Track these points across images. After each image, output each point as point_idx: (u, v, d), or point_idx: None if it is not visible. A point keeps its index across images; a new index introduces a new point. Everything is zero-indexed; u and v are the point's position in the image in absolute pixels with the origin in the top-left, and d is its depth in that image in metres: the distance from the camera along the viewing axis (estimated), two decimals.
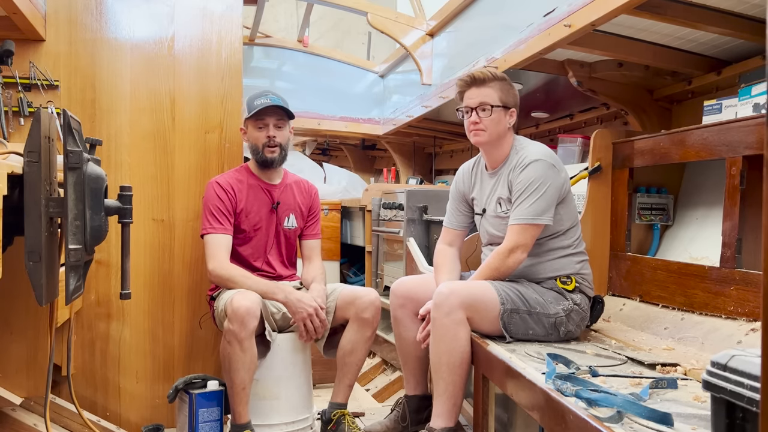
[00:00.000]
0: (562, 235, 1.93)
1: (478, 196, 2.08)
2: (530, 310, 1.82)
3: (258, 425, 2.09)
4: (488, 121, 1.91)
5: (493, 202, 1.99)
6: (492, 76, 1.93)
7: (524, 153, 1.92)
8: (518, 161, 1.91)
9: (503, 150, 1.98)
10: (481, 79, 1.92)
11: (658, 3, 1.83)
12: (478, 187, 2.08)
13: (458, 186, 2.15)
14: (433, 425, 1.81)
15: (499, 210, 1.97)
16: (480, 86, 1.93)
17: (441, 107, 3.58)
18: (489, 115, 1.91)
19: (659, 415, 1.14)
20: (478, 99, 1.92)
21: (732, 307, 1.70)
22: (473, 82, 1.94)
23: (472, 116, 1.94)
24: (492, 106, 1.90)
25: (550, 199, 1.84)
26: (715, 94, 2.22)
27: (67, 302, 1.42)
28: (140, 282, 2.37)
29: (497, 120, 1.92)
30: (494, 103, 1.91)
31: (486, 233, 2.05)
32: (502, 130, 1.94)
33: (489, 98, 1.91)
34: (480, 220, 2.07)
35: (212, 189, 2.22)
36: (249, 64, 4.52)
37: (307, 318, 2.06)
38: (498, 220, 1.97)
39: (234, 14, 2.51)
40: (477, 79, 1.93)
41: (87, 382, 2.33)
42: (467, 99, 1.96)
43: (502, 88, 1.93)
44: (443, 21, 3.44)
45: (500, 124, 1.93)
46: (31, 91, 2.23)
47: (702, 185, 2.24)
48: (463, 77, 1.97)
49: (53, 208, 1.32)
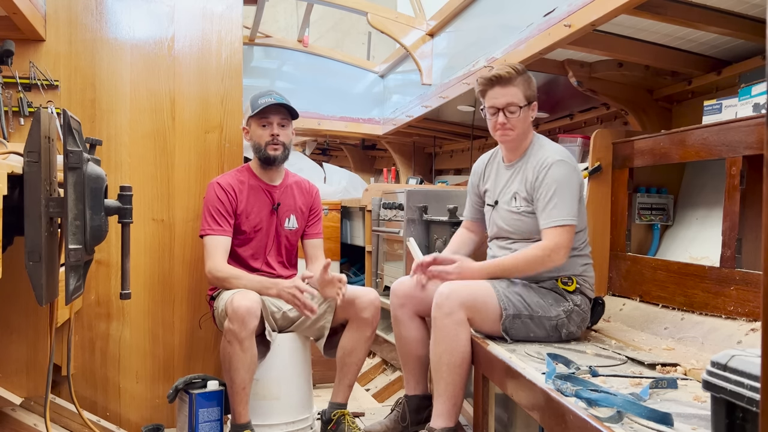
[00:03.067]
0: None
1: (491, 188, 2.07)
2: (532, 315, 1.82)
3: (258, 425, 2.09)
4: (516, 121, 1.89)
5: (507, 195, 1.98)
6: (516, 73, 1.88)
7: (545, 152, 1.91)
8: (540, 160, 1.90)
9: (524, 144, 1.98)
10: (506, 78, 1.87)
11: (658, 3, 1.83)
12: (492, 179, 2.07)
13: (473, 179, 2.17)
14: (433, 425, 1.81)
15: (513, 205, 1.96)
16: (505, 85, 1.87)
17: (441, 107, 3.58)
18: (517, 116, 1.89)
19: (659, 415, 1.14)
20: (505, 99, 1.88)
21: (732, 307, 1.70)
22: (498, 81, 1.88)
23: (499, 117, 1.90)
24: (520, 107, 1.88)
25: (577, 197, 1.87)
26: (715, 94, 2.22)
27: (67, 302, 1.42)
28: (140, 282, 2.36)
29: (524, 118, 1.91)
30: (521, 103, 1.88)
31: (495, 226, 2.04)
32: (528, 126, 1.95)
33: (516, 98, 1.88)
34: (490, 212, 2.06)
35: (213, 190, 2.22)
36: (249, 64, 4.52)
37: (294, 298, 2.04)
38: (510, 214, 1.96)
39: (234, 14, 2.51)
40: (502, 78, 1.87)
41: (87, 382, 2.33)
42: (491, 98, 1.90)
43: (525, 83, 1.90)
44: (443, 21, 3.44)
45: (526, 121, 1.94)
46: (31, 91, 2.23)
47: (702, 185, 2.24)
48: (486, 76, 1.90)
49: (53, 208, 1.32)
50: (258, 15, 4.02)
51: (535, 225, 1.89)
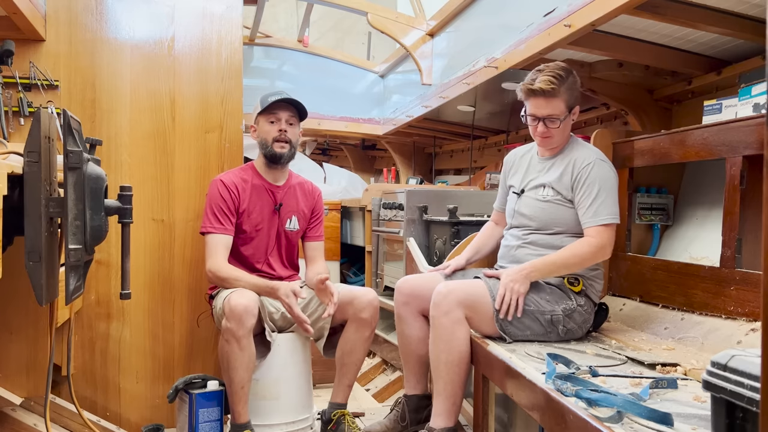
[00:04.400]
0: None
1: (519, 177, 2.08)
2: (523, 309, 1.82)
3: (258, 425, 2.09)
4: (556, 131, 1.91)
5: (535, 184, 1.99)
6: (559, 82, 1.84)
7: (586, 151, 1.94)
8: (580, 157, 1.92)
9: (562, 143, 1.99)
10: (549, 92, 1.85)
11: (658, 3, 1.83)
12: (523, 170, 2.08)
13: (505, 169, 2.19)
14: (433, 425, 1.81)
15: (540, 194, 1.97)
16: (549, 98, 1.86)
17: (441, 107, 3.58)
18: (557, 126, 1.90)
19: (659, 415, 1.14)
20: (547, 111, 1.88)
21: (732, 307, 1.70)
22: (541, 94, 1.86)
23: (539, 126, 1.91)
24: (561, 119, 1.89)
25: (616, 196, 1.90)
26: (715, 94, 2.22)
27: (67, 302, 1.42)
28: (140, 282, 2.37)
29: (564, 127, 1.93)
30: (563, 116, 1.89)
31: (517, 214, 2.03)
32: (568, 132, 1.98)
33: (557, 110, 1.87)
34: (516, 200, 2.06)
35: (216, 187, 2.21)
36: (249, 64, 4.52)
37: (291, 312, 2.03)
38: (536, 202, 1.97)
39: (234, 14, 2.51)
40: (546, 92, 1.85)
41: (87, 382, 2.33)
42: (534, 107, 1.90)
43: (569, 90, 1.87)
44: (443, 21, 3.44)
45: (567, 129, 1.96)
46: (31, 91, 2.23)
47: (702, 185, 2.24)
48: (531, 87, 1.87)
49: (53, 208, 1.32)
50: (258, 15, 4.02)
51: (557, 215, 1.92)
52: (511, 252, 2.02)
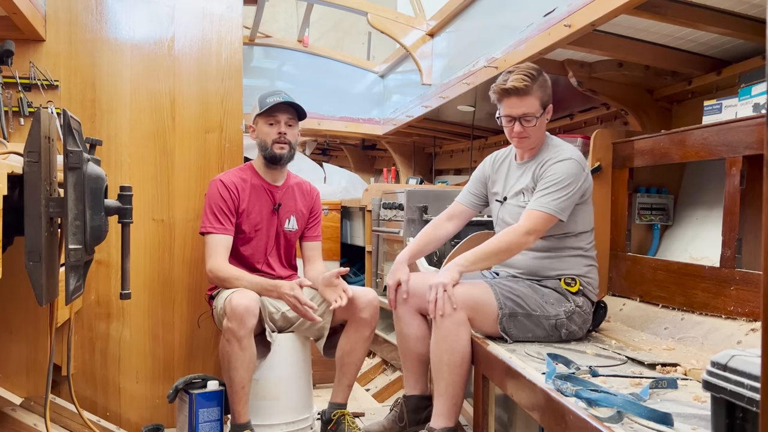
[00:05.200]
0: (575, 236, 1.93)
1: (500, 185, 2.08)
2: (529, 313, 1.82)
3: (258, 425, 2.09)
4: (532, 130, 1.91)
5: (515, 191, 1.99)
6: (531, 81, 1.86)
7: (559, 151, 1.93)
8: (550, 157, 1.91)
9: (537, 145, 1.99)
10: (523, 89, 1.86)
11: (658, 3, 1.83)
12: (503, 176, 2.08)
13: (484, 169, 2.17)
14: (433, 425, 1.82)
15: (521, 200, 1.97)
16: (522, 96, 1.87)
17: (441, 107, 3.58)
18: (533, 124, 1.90)
19: (659, 415, 1.14)
20: (522, 110, 1.88)
21: (732, 307, 1.70)
22: (515, 92, 1.88)
23: (515, 126, 1.90)
24: (536, 117, 1.89)
25: (574, 198, 1.86)
26: (715, 94, 2.22)
27: (67, 302, 1.42)
28: (140, 282, 2.36)
29: (540, 125, 1.93)
30: (538, 113, 1.89)
31: (502, 222, 2.04)
32: (543, 131, 1.97)
33: (532, 108, 1.88)
34: (499, 208, 2.07)
35: (215, 187, 2.22)
36: (249, 64, 4.52)
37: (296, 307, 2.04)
38: (517, 209, 1.97)
39: (234, 14, 2.51)
40: (519, 90, 1.87)
41: (87, 382, 2.33)
42: (508, 107, 1.91)
43: (541, 88, 1.89)
44: (443, 21, 3.44)
45: (542, 128, 1.95)
46: (31, 91, 2.23)
47: (702, 185, 2.24)
48: (504, 87, 1.89)
49: (53, 208, 1.32)
50: (258, 15, 4.02)
51: None
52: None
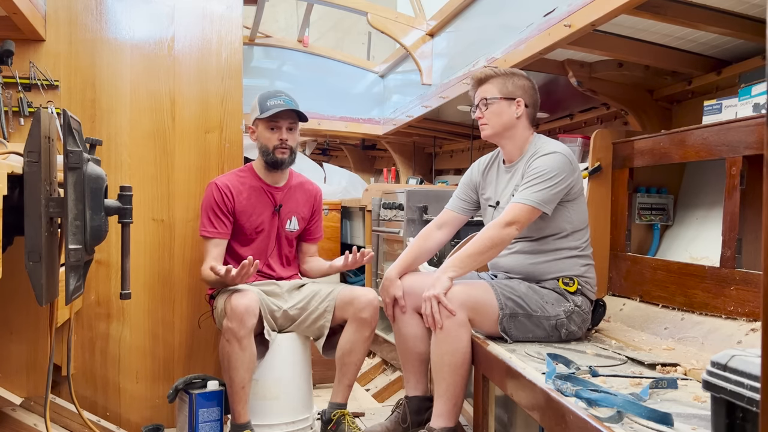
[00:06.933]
0: (570, 236, 1.92)
1: (491, 190, 2.08)
2: (530, 314, 1.82)
3: (258, 425, 2.09)
4: (489, 114, 1.97)
5: (507, 194, 1.99)
6: (493, 73, 1.98)
7: (544, 146, 1.93)
8: (536, 151, 1.92)
9: (517, 143, 1.99)
10: (480, 78, 2.00)
11: (658, 3, 1.83)
12: (492, 181, 2.09)
13: (472, 175, 2.18)
14: (434, 425, 1.81)
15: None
16: (481, 84, 2.00)
17: (441, 107, 3.58)
18: (489, 110, 1.96)
19: (659, 415, 1.14)
20: (480, 96, 2.00)
21: (732, 307, 1.70)
22: (476, 83, 2.02)
23: (476, 113, 2.01)
24: (488, 99, 1.96)
25: (558, 191, 1.85)
26: (715, 94, 2.22)
27: (67, 302, 1.42)
28: (140, 282, 2.37)
29: (498, 111, 1.95)
30: (491, 96, 1.96)
31: None
32: (507, 121, 1.96)
33: (488, 93, 1.98)
34: (492, 212, 2.07)
35: (210, 191, 2.23)
36: (249, 64, 4.52)
37: (242, 269, 1.96)
38: None
39: (234, 14, 2.51)
40: (478, 79, 2.01)
41: (87, 382, 2.33)
42: (473, 97, 2.04)
43: (503, 81, 1.97)
44: (443, 21, 3.44)
45: (503, 116, 1.96)
46: (31, 91, 2.23)
47: (702, 185, 2.23)
48: (468, 80, 2.04)
49: (53, 208, 1.32)
50: (258, 15, 4.02)
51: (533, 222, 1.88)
52: (500, 262, 2.02)
